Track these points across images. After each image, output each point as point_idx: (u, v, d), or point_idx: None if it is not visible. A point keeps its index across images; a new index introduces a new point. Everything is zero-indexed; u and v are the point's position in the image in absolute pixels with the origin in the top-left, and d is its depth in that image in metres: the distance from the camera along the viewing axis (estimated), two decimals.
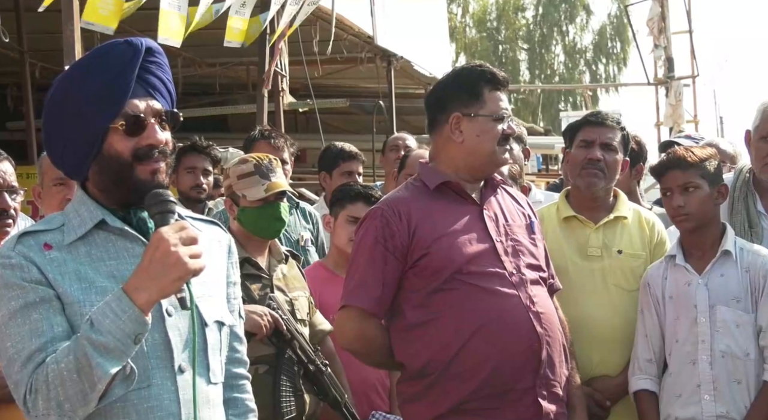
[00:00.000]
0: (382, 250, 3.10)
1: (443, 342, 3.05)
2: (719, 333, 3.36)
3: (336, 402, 3.67)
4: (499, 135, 3.16)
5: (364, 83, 12.46)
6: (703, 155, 3.48)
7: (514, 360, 3.03)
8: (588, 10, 35.60)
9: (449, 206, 3.17)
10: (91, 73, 2.14)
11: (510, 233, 3.18)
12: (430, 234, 3.10)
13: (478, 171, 3.22)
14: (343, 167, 5.23)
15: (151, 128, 2.15)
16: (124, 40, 2.17)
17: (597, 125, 3.82)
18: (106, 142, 2.13)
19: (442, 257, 3.07)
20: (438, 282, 3.07)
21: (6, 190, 3.14)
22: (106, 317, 1.96)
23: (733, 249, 3.44)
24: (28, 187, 3.68)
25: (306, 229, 4.87)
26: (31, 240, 2.12)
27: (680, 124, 15.46)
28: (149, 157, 2.14)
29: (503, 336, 3.03)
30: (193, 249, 2.01)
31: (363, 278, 3.13)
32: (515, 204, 3.31)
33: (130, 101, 2.13)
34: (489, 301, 3.05)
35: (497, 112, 3.17)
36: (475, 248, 3.10)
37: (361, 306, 3.12)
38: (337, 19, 8.69)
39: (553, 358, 3.09)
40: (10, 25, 7.10)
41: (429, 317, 3.08)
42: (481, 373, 3.03)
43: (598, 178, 3.75)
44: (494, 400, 3.04)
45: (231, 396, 2.37)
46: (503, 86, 3.24)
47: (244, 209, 3.69)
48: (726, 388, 3.34)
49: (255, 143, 4.95)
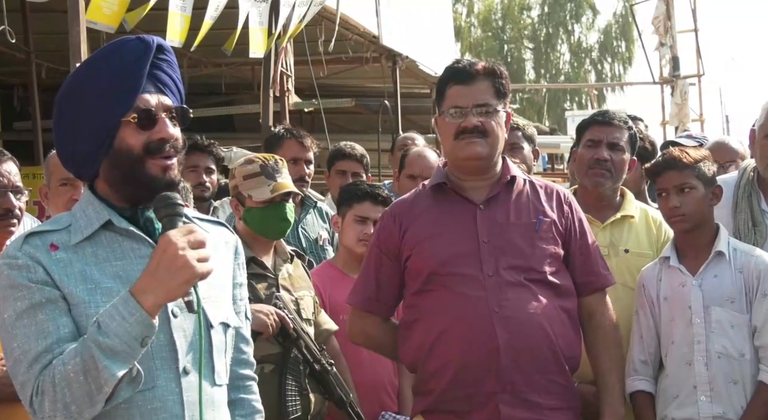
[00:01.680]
0: (378, 251, 3.26)
1: (419, 342, 3.17)
2: (714, 334, 3.35)
3: (341, 401, 3.67)
4: (453, 129, 3.15)
5: (369, 83, 12.46)
6: (698, 156, 3.48)
7: (474, 364, 3.06)
8: (594, 9, 35.59)
9: (445, 207, 3.20)
10: (103, 67, 2.14)
11: (504, 233, 3.15)
12: (416, 236, 3.18)
13: (457, 169, 3.23)
14: (337, 166, 5.21)
15: (162, 122, 2.15)
16: (135, 37, 2.18)
17: (604, 125, 3.82)
18: (118, 136, 2.13)
19: (421, 259, 3.16)
20: (419, 283, 3.17)
21: (11, 190, 3.14)
22: (113, 320, 1.96)
23: (727, 250, 3.43)
24: (34, 188, 3.69)
25: (324, 228, 4.87)
26: (37, 240, 2.12)
27: (686, 123, 15.44)
28: (160, 151, 2.14)
29: (463, 340, 3.06)
30: (200, 252, 2.01)
31: (361, 278, 3.35)
32: (535, 200, 3.24)
33: (141, 96, 2.14)
34: (455, 304, 3.09)
35: (451, 106, 3.16)
36: (455, 250, 3.12)
37: (356, 304, 3.33)
38: (342, 19, 8.69)
39: (522, 364, 3.05)
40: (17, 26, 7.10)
41: (414, 317, 3.20)
42: (446, 376, 3.10)
43: (605, 178, 3.75)
44: (464, 403, 3.09)
45: (238, 397, 2.37)
46: (469, 79, 3.17)
47: (249, 209, 3.70)
48: (722, 388, 3.33)
49: (283, 142, 4.89)
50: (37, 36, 8.80)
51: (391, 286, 3.26)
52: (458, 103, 3.15)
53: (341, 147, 5.31)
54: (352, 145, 5.32)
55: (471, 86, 3.16)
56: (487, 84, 3.17)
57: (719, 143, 4.99)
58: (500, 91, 3.19)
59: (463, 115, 3.13)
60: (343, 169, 5.16)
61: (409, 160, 4.73)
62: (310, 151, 4.90)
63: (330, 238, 4.90)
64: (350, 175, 5.10)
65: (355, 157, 5.19)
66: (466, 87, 3.16)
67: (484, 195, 3.20)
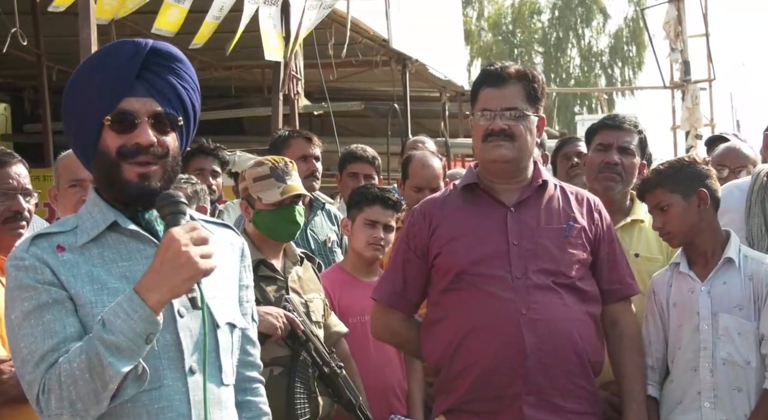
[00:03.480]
0: (405, 248, 3.29)
1: (445, 342, 3.17)
2: (721, 341, 3.33)
3: (350, 404, 3.66)
4: (482, 131, 3.17)
5: (379, 86, 12.47)
6: (668, 171, 3.43)
7: (500, 366, 3.07)
8: (604, 14, 35.54)
9: (476, 207, 3.23)
10: (96, 68, 2.16)
11: (534, 236, 3.16)
12: (446, 234, 3.20)
13: (485, 170, 3.25)
14: (348, 168, 5.21)
15: (141, 127, 2.14)
16: (131, 40, 2.19)
17: (614, 129, 3.81)
18: (101, 137, 2.14)
19: (450, 257, 3.17)
20: (446, 282, 3.18)
21: (20, 192, 3.15)
22: (118, 317, 1.97)
23: (737, 257, 3.41)
24: (44, 190, 3.69)
25: (332, 230, 4.86)
26: (44, 242, 2.13)
27: (698, 127, 15.39)
28: (133, 156, 2.13)
29: (490, 341, 3.08)
30: (203, 249, 2.01)
31: (388, 274, 3.39)
32: (566, 206, 3.25)
33: (126, 99, 2.13)
34: (483, 304, 3.10)
35: (481, 108, 3.18)
36: (484, 250, 3.14)
37: (381, 300, 3.36)
38: (352, 23, 8.70)
39: (549, 367, 3.07)
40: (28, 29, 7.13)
41: (440, 316, 3.21)
42: (471, 376, 3.12)
43: (615, 182, 3.74)
44: (489, 403, 3.10)
45: (245, 399, 2.37)
46: (500, 82, 3.18)
47: (259, 212, 3.69)
48: (726, 395, 3.31)
49: (290, 141, 4.89)
50: (47, 38, 8.84)
51: (416, 283, 3.29)
52: (487, 106, 3.17)
53: (353, 149, 5.31)
54: (364, 148, 5.32)
55: (502, 89, 3.17)
56: (519, 88, 3.18)
57: (730, 149, 4.96)
58: (532, 96, 3.19)
59: (491, 117, 3.15)
60: (355, 171, 5.16)
61: (412, 170, 4.67)
62: (317, 148, 4.91)
63: (339, 240, 4.89)
64: (362, 177, 5.11)
65: (367, 160, 5.19)
66: (497, 90, 3.17)
67: (515, 198, 3.21)
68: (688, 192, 3.40)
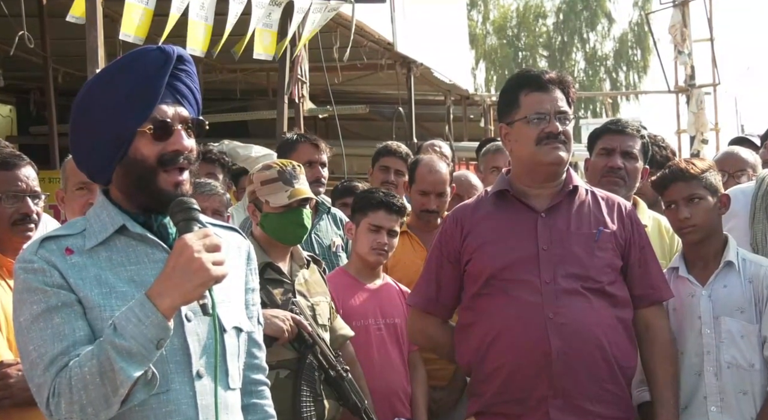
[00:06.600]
0: (439, 254, 3.36)
1: (475, 345, 3.23)
2: (724, 344, 3.35)
3: (356, 408, 3.67)
4: (535, 135, 3.17)
5: (383, 90, 12.48)
6: (704, 167, 3.49)
7: (525, 369, 3.10)
8: (609, 18, 35.53)
9: (507, 213, 3.26)
10: (123, 76, 2.15)
11: (564, 241, 3.18)
12: (477, 240, 3.25)
13: (529, 176, 3.25)
14: (381, 162, 5.36)
15: (177, 134, 2.16)
16: (156, 47, 2.19)
17: (617, 133, 3.82)
18: (133, 145, 2.14)
19: (481, 263, 3.22)
20: (477, 286, 3.23)
21: (29, 195, 3.16)
22: (129, 322, 1.97)
23: (736, 260, 3.43)
24: (50, 192, 3.70)
25: (337, 234, 4.87)
26: (53, 244, 2.13)
27: (703, 132, 15.39)
28: (174, 163, 2.14)
29: (516, 344, 3.12)
30: (216, 256, 2.02)
31: (422, 280, 3.45)
32: (596, 211, 3.27)
33: (158, 107, 2.15)
34: (511, 308, 3.14)
35: (532, 112, 3.19)
36: (514, 255, 3.17)
37: (417, 305, 3.44)
38: (357, 26, 8.71)
39: (575, 371, 3.09)
40: (34, 31, 7.15)
41: (472, 320, 3.26)
42: (498, 379, 3.16)
43: (619, 186, 3.75)
44: (516, 406, 3.14)
45: (250, 402, 2.38)
46: (545, 87, 3.21)
47: (267, 215, 3.70)
48: (733, 399, 3.32)
49: (297, 145, 4.91)
50: (54, 41, 8.85)
51: (450, 288, 3.35)
52: (541, 110, 3.18)
53: (388, 144, 5.50)
54: (398, 144, 5.52)
55: (549, 94, 3.20)
56: (561, 93, 3.22)
57: (729, 153, 4.97)
58: (570, 101, 3.25)
59: (546, 120, 3.17)
60: (387, 165, 5.31)
61: (419, 175, 4.67)
62: (324, 154, 4.93)
63: (344, 244, 4.90)
64: (393, 172, 5.26)
65: (401, 155, 5.33)
66: (545, 94, 3.20)
67: (546, 203, 3.23)
68: (715, 193, 3.47)
